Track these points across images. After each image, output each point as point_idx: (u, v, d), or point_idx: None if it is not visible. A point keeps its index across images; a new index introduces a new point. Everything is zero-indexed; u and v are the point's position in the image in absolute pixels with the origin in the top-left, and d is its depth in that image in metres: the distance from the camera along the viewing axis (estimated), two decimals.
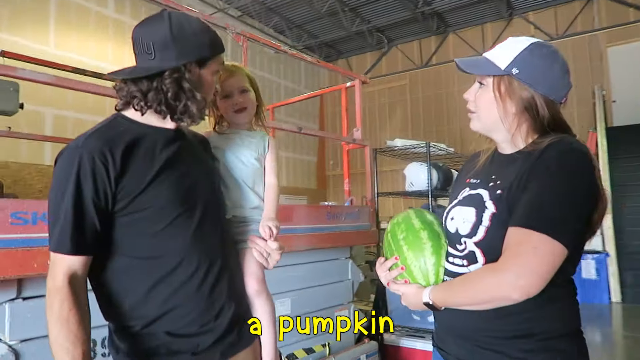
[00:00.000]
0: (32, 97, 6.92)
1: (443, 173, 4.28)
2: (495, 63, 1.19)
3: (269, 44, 3.14)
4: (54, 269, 1.10)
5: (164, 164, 1.18)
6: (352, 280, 3.49)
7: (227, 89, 1.48)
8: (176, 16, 1.21)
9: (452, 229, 1.25)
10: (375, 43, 13.35)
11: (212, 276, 1.23)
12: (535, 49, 1.17)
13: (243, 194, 1.45)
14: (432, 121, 12.76)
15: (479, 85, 1.23)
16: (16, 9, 7.44)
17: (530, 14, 11.63)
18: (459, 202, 1.27)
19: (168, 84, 1.17)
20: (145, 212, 1.15)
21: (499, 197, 1.14)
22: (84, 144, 1.11)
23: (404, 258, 1.26)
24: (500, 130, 1.21)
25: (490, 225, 1.13)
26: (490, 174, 1.23)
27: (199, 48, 1.22)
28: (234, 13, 11.38)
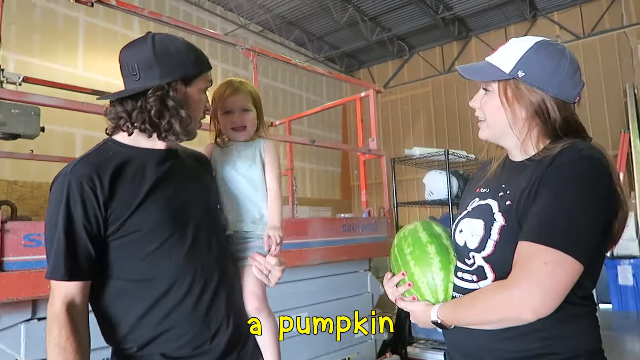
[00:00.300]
0: (63, 119, 7.21)
1: (464, 181, 4.17)
2: (499, 67, 1.13)
3: (278, 57, 3.16)
4: (52, 296, 1.12)
5: (153, 185, 1.19)
6: (372, 293, 3.44)
7: (229, 105, 1.47)
8: (160, 37, 1.23)
9: (460, 242, 1.18)
10: (396, 51, 13.30)
11: (207, 296, 1.22)
12: (540, 48, 1.10)
13: (241, 207, 1.41)
14: (456, 127, 12.56)
15: (484, 92, 1.18)
16: (47, 36, 7.79)
17: (554, 13, 11.35)
18: (467, 213, 1.21)
19: (152, 102, 1.17)
20: (136, 234, 1.15)
21: (509, 208, 1.08)
22: (72, 170, 1.13)
23: (411, 274, 1.20)
24: (510, 137, 1.15)
25: (500, 239, 1.07)
26: (501, 183, 1.17)
27: (183, 66, 1.22)
28: (255, 29, 11.56)
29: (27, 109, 2.65)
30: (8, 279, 1.65)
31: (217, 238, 1.32)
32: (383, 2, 10.82)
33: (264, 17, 11.12)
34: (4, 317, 1.72)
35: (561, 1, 11.01)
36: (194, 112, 1.28)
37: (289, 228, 2.74)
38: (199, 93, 1.28)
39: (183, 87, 1.23)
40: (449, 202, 3.94)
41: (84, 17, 8.30)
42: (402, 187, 4.75)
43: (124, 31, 8.85)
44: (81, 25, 8.30)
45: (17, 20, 7.43)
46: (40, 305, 1.79)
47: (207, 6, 10.50)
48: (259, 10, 10.90)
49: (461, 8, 10.93)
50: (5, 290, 1.64)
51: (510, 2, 10.67)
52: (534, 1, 11.07)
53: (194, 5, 10.20)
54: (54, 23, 7.95)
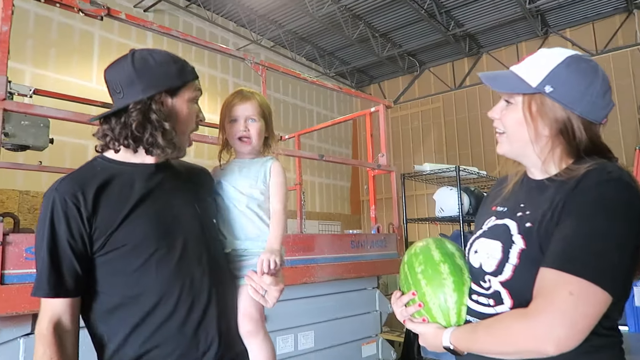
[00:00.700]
0: (74, 131, 7.31)
1: (475, 197, 4.11)
2: (525, 79, 1.05)
3: (287, 72, 3.15)
4: (40, 314, 1.10)
5: (139, 200, 1.16)
6: (380, 312, 3.36)
7: (235, 113, 1.43)
8: (140, 53, 1.22)
9: (475, 264, 1.12)
10: (407, 67, 13.33)
11: (196, 314, 1.18)
12: (572, 64, 1.03)
13: (237, 225, 1.37)
14: (468, 144, 12.47)
15: (506, 104, 1.11)
16: (63, 50, 7.93)
17: (567, 30, 11.31)
18: (483, 233, 1.14)
19: (134, 116, 1.16)
20: (122, 250, 1.13)
21: (529, 230, 1.01)
22: (57, 187, 1.13)
23: (422, 294, 1.14)
24: (530, 155, 1.08)
25: (519, 263, 1.00)
26: (519, 202, 1.10)
27: (165, 78, 1.21)
28: (267, 44, 11.68)
29: (37, 121, 2.67)
30: (8, 292, 1.62)
31: (210, 255, 1.27)
32: (394, 19, 10.88)
33: (276, 32, 11.24)
34: (3, 331, 1.69)
35: (573, 18, 10.97)
36: (183, 123, 1.26)
37: (296, 244, 2.69)
38: (188, 103, 1.26)
39: (169, 99, 1.22)
40: (460, 219, 3.87)
41: (99, 31, 8.46)
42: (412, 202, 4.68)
43: (137, 45, 8.97)
44: (96, 39, 8.45)
45: (34, 35, 7.59)
46: None
47: (220, 22, 10.65)
48: (270, 26, 11.03)
49: (472, 25, 10.94)
50: (5, 304, 1.61)
51: (522, 19, 10.66)
52: (545, 18, 11.05)
53: (207, 22, 10.34)
54: (70, 37, 8.10)
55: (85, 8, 2.00)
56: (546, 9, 10.51)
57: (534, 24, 10.84)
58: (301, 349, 2.78)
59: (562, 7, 10.44)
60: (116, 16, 2.14)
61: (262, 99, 1.49)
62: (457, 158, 12.32)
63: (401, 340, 4.72)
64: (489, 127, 12.12)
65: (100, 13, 2.03)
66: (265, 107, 1.48)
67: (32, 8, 7.52)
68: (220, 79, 10.44)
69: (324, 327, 2.91)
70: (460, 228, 3.90)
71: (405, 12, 10.42)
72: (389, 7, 10.27)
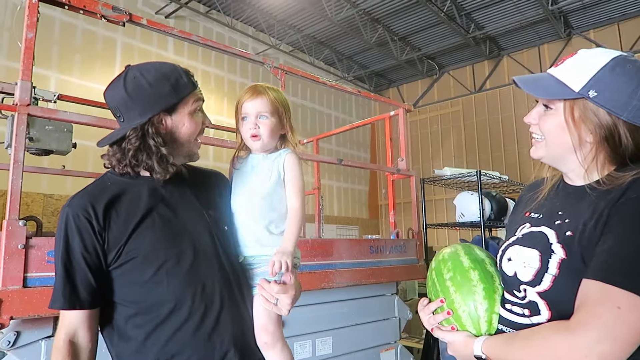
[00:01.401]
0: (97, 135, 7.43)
1: (497, 203, 4.02)
2: (567, 84, 1.00)
3: (306, 75, 3.14)
4: (58, 327, 1.14)
5: (147, 212, 1.18)
6: (399, 318, 3.30)
7: (245, 110, 1.35)
8: (132, 73, 1.20)
9: (509, 272, 1.07)
10: (426, 70, 13.23)
11: (210, 321, 1.18)
12: (617, 66, 0.97)
13: (249, 230, 1.31)
14: (488, 147, 12.30)
15: (544, 109, 1.05)
16: (87, 56, 8.12)
17: (590, 31, 11.08)
18: (517, 240, 1.09)
19: (132, 143, 1.18)
20: (134, 261, 1.15)
21: (570, 240, 0.97)
22: (70, 202, 1.17)
23: (451, 301, 1.10)
24: (571, 161, 1.03)
25: (559, 274, 0.96)
26: (556, 209, 1.06)
27: (160, 99, 1.19)
28: (286, 48, 11.75)
29: (61, 126, 2.71)
30: (30, 295, 1.64)
31: (223, 262, 1.25)
32: (413, 22, 10.82)
33: (295, 37, 11.29)
34: (25, 334, 1.72)
35: (597, 19, 10.73)
36: (186, 136, 1.26)
37: (314, 249, 2.67)
38: (189, 116, 1.25)
39: (168, 118, 1.23)
40: (481, 225, 3.79)
41: (121, 37, 8.63)
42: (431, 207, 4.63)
43: (158, 51, 9.14)
44: (119, 45, 8.62)
45: (59, 42, 7.78)
46: None
47: (240, 27, 10.76)
48: (289, 31, 11.09)
49: (493, 27, 10.80)
50: (28, 306, 1.63)
51: (544, 20, 10.48)
52: (568, 19, 10.84)
53: (227, 27, 10.46)
54: (94, 44, 8.28)
55: (108, 14, 2.03)
56: (569, 10, 10.32)
57: (557, 26, 10.64)
58: (319, 355, 2.75)
59: (586, 8, 10.23)
60: (138, 22, 2.16)
61: (276, 94, 1.39)
62: (477, 162, 12.15)
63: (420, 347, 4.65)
64: (509, 130, 11.96)
65: (122, 19, 2.06)
66: (279, 103, 1.38)
67: (58, 15, 7.72)
68: (239, 84, 10.53)
69: (342, 333, 2.88)
70: (481, 234, 3.82)
71: (425, 15, 10.35)
72: (408, 10, 10.22)
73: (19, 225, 1.67)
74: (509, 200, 4.24)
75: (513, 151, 11.75)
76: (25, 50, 1.81)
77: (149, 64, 1.24)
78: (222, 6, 9.96)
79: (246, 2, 9.96)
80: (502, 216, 4.07)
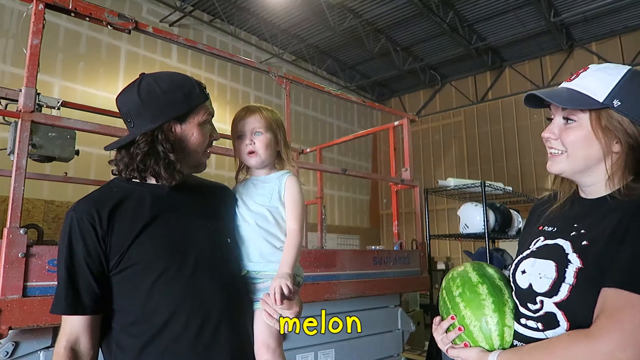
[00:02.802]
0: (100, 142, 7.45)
1: (501, 214, 4.00)
2: (590, 94, 1.02)
3: (311, 85, 3.14)
4: (60, 333, 1.12)
5: (150, 219, 1.17)
6: (402, 330, 3.26)
7: (240, 128, 1.38)
8: (146, 80, 1.22)
9: (523, 284, 1.06)
10: (428, 80, 13.26)
11: (208, 333, 1.16)
12: (634, 77, 1.01)
13: (249, 246, 1.31)
14: (490, 158, 12.28)
15: (564, 122, 1.06)
16: (91, 63, 8.14)
17: (592, 44, 11.11)
18: (531, 253, 1.09)
19: (140, 148, 1.18)
20: (133, 268, 1.14)
21: (585, 249, 0.97)
22: (76, 207, 1.16)
23: (462, 317, 1.09)
24: (592, 172, 1.04)
25: (576, 283, 0.95)
26: (571, 222, 1.06)
27: (172, 106, 1.21)
28: (289, 57, 11.79)
29: (64, 133, 2.70)
30: (30, 305, 1.61)
31: (224, 275, 1.24)
32: (416, 33, 10.86)
33: (298, 46, 11.33)
34: (23, 344, 1.69)
35: (599, 31, 10.77)
36: (194, 146, 1.26)
37: (318, 259, 2.64)
38: (199, 127, 1.26)
39: (178, 126, 1.23)
40: (486, 237, 3.76)
41: (126, 45, 8.66)
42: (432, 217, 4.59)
43: (162, 59, 9.17)
44: (123, 53, 8.65)
45: (64, 49, 7.81)
46: None
47: (243, 36, 10.80)
48: (292, 40, 11.13)
49: (495, 38, 10.84)
50: (28, 316, 1.61)
51: (546, 32, 10.51)
52: (570, 31, 10.87)
53: (230, 36, 10.50)
54: (98, 51, 8.31)
55: (114, 22, 2.02)
56: (571, 22, 10.35)
57: (559, 38, 10.67)
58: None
59: (588, 20, 10.27)
60: (144, 30, 2.15)
61: (269, 112, 1.42)
62: (478, 173, 12.13)
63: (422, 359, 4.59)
64: (511, 141, 11.94)
65: (128, 27, 2.05)
66: (272, 120, 1.41)
67: (63, 23, 7.76)
68: (242, 92, 10.55)
69: (345, 345, 2.84)
70: (485, 245, 3.78)
71: (427, 26, 10.39)
72: (411, 21, 10.26)
73: (20, 234, 1.65)
74: (513, 212, 4.21)
75: (515, 162, 11.73)
76: (30, 57, 1.80)
77: (163, 73, 1.26)
78: (225, 15, 10.01)
79: (250, 11, 10.01)
80: (506, 228, 4.04)
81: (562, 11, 9.69)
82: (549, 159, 1.10)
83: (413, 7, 9.47)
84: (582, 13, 9.55)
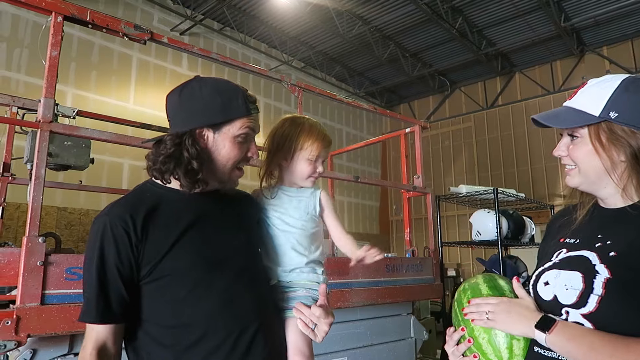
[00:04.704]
0: (112, 149, 7.54)
1: (514, 221, 3.96)
2: (586, 111, 1.04)
3: (323, 93, 3.15)
4: (85, 339, 1.09)
5: (184, 230, 1.14)
6: (415, 339, 3.24)
7: (323, 154, 1.41)
8: (194, 82, 1.20)
9: (546, 296, 1.05)
10: (437, 86, 13.24)
11: (243, 344, 1.13)
12: (630, 86, 1.02)
13: (286, 257, 1.33)
14: (500, 164, 12.20)
15: (571, 139, 1.08)
16: (103, 72, 8.26)
17: (604, 48, 11.03)
18: (554, 264, 1.08)
19: (166, 149, 1.15)
20: (166, 279, 1.10)
21: (614, 260, 0.97)
22: (109, 212, 1.13)
23: (471, 329, 1.09)
24: (607, 184, 1.05)
25: (605, 294, 0.94)
26: (594, 233, 1.06)
27: (205, 112, 1.17)
28: (298, 65, 11.85)
29: (79, 142, 2.74)
30: (48, 312, 1.63)
31: (256, 286, 1.23)
32: (425, 39, 10.87)
33: (307, 53, 11.39)
34: (41, 352, 1.70)
35: (610, 36, 10.69)
36: (222, 159, 1.21)
37: (330, 267, 2.63)
38: (232, 139, 1.20)
39: (211, 134, 1.19)
40: (499, 244, 3.73)
41: (137, 54, 8.77)
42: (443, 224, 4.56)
43: (173, 67, 9.27)
44: (134, 62, 8.76)
45: (77, 58, 7.93)
46: (77, 340, 1.76)
47: (253, 44, 10.89)
48: (301, 47, 11.19)
49: (505, 44, 10.80)
50: (45, 324, 1.62)
51: (556, 37, 10.46)
52: (581, 36, 10.81)
53: (240, 43, 10.59)
54: (110, 60, 8.43)
55: (130, 33, 2.05)
56: (582, 27, 10.30)
57: (570, 42, 10.61)
58: None
59: (599, 25, 10.21)
60: (159, 40, 2.18)
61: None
62: (489, 179, 12.05)
63: None
64: (522, 147, 11.86)
65: (143, 37, 2.08)
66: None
67: (76, 32, 7.88)
68: None
69: (358, 353, 2.82)
70: (498, 253, 3.75)
71: (436, 32, 10.39)
72: (420, 27, 10.27)
73: (39, 242, 1.66)
74: (525, 219, 4.17)
75: (526, 168, 11.64)
76: (49, 68, 1.83)
77: (213, 78, 1.23)
78: (235, 23, 10.10)
79: (259, 19, 10.10)
80: (519, 235, 4.00)
81: (573, 16, 9.64)
82: (566, 173, 1.12)
83: (422, 13, 9.48)
84: (592, 17, 9.49)
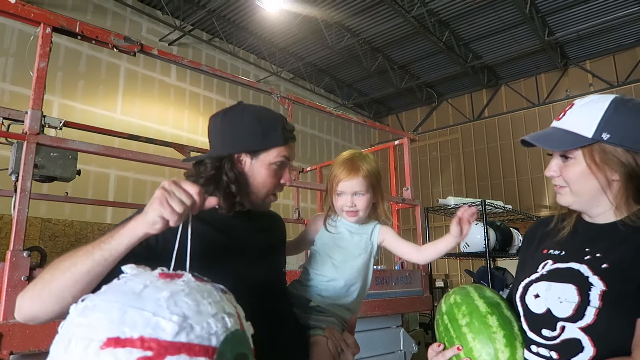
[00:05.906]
0: (98, 160, 7.45)
1: (502, 233, 3.99)
2: (578, 132, 1.05)
3: (313, 105, 3.16)
4: None
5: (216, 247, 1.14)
6: (405, 351, 3.23)
7: (341, 188, 1.39)
8: (237, 108, 1.23)
9: (538, 309, 1.03)
10: (424, 98, 13.39)
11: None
12: (619, 106, 1.03)
13: (335, 288, 1.36)
14: (487, 175, 12.33)
15: (562, 160, 1.09)
16: (90, 82, 8.18)
17: (587, 62, 11.28)
18: (542, 276, 1.07)
19: (206, 172, 1.17)
20: None
21: (608, 272, 0.96)
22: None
23: (469, 349, 1.05)
24: (600, 203, 1.06)
25: (603, 306, 0.93)
26: (581, 246, 1.06)
27: (245, 139, 1.20)
28: (286, 76, 11.90)
29: (66, 153, 2.70)
30: (32, 329, 1.59)
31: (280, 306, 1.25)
32: (412, 51, 11.00)
33: (296, 65, 11.45)
34: None
35: (593, 50, 10.94)
36: (258, 185, 1.23)
37: None
38: (269, 166, 1.23)
39: (248, 160, 1.22)
40: (487, 256, 3.75)
41: (125, 64, 8.72)
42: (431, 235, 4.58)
43: (161, 77, 9.23)
44: (122, 72, 8.70)
45: (64, 68, 7.86)
46: None
47: (242, 54, 10.91)
48: (290, 59, 11.25)
49: (491, 57, 10.99)
50: (29, 341, 1.58)
51: (541, 51, 10.67)
52: (565, 50, 11.04)
53: (229, 54, 10.61)
54: (97, 70, 8.36)
55: (120, 44, 2.04)
56: (565, 41, 10.52)
57: (554, 56, 10.83)
58: None
59: (582, 39, 10.44)
60: (149, 52, 2.17)
61: (370, 166, 1.41)
62: (476, 189, 12.16)
63: None
64: (508, 158, 12.01)
65: (133, 49, 2.07)
66: (373, 177, 1.41)
67: (63, 42, 7.81)
68: None
69: None
70: (486, 264, 3.77)
71: (424, 44, 10.54)
72: (408, 40, 10.40)
73: (23, 257, 1.63)
74: (513, 230, 4.21)
75: (512, 179, 11.78)
76: (37, 80, 1.81)
77: (256, 107, 1.26)
78: (224, 34, 10.13)
79: (248, 30, 10.13)
80: (506, 246, 4.03)
81: (557, 30, 9.86)
82: (556, 191, 1.13)
83: (410, 26, 9.61)
84: (575, 32, 9.71)
